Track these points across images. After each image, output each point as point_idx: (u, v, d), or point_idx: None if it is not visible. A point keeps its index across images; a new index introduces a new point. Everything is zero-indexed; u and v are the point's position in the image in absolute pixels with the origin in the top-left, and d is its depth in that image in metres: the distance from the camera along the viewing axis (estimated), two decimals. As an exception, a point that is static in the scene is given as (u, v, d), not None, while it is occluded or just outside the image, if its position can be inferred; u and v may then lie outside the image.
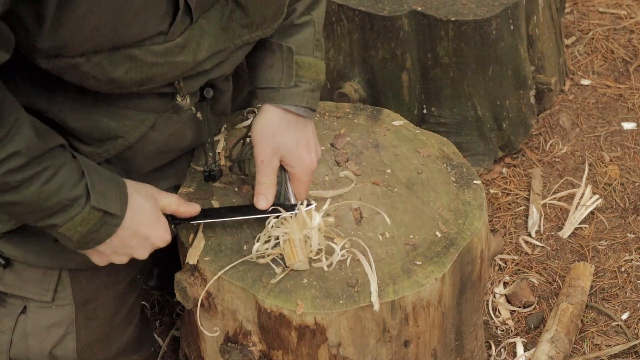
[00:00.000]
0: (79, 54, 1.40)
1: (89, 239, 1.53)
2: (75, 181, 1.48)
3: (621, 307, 2.34)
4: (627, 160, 2.74)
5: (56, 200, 1.45)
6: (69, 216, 1.48)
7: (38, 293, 1.75)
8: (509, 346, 2.26)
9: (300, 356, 1.63)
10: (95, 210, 1.49)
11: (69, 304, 1.77)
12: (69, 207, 1.47)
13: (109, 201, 1.51)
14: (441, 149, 1.90)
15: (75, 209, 1.48)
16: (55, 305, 1.77)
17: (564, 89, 2.98)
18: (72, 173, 1.48)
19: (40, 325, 1.77)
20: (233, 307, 1.64)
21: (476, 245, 1.71)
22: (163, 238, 1.61)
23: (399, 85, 2.61)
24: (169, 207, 1.63)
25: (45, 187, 1.43)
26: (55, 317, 1.77)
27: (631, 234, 2.53)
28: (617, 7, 3.27)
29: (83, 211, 1.48)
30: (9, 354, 1.79)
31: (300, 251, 1.60)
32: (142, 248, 1.60)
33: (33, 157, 1.41)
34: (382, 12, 2.49)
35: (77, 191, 1.47)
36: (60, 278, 1.75)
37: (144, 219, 1.57)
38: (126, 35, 1.41)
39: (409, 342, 1.67)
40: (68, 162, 1.49)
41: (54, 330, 1.78)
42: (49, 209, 1.46)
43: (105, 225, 1.52)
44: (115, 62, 1.43)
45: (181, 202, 1.65)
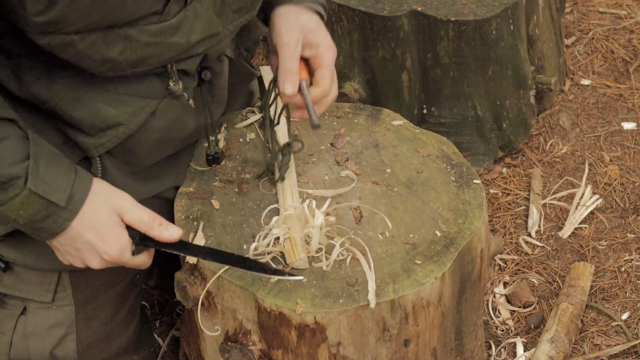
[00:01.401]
0: (73, 31, 1.40)
1: (36, 227, 1.49)
2: (15, 159, 1.44)
3: (621, 307, 2.34)
4: (627, 160, 2.74)
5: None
6: (7, 196, 1.44)
7: (38, 294, 1.75)
8: (509, 346, 2.26)
9: (300, 355, 1.63)
10: (35, 195, 1.45)
11: (69, 304, 1.77)
12: (6, 185, 1.43)
13: (53, 190, 1.46)
14: (441, 148, 1.90)
15: (14, 189, 1.44)
16: (56, 305, 1.76)
17: (564, 89, 2.98)
18: (14, 150, 1.45)
19: (40, 326, 1.77)
20: (233, 306, 1.64)
21: (476, 244, 1.71)
22: (110, 253, 1.53)
23: (399, 85, 2.61)
24: (138, 224, 1.55)
25: None
26: (55, 317, 1.77)
27: (631, 234, 2.53)
28: (617, 7, 3.27)
29: (21, 193, 1.44)
30: (9, 355, 1.79)
31: (300, 249, 1.60)
32: (90, 255, 1.54)
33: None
34: (382, 12, 2.49)
35: (15, 169, 1.44)
36: (60, 279, 1.75)
37: (94, 224, 1.51)
38: (121, 14, 1.41)
39: (409, 341, 1.67)
40: (12, 137, 1.45)
41: (55, 331, 1.78)
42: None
43: (52, 217, 1.48)
44: (110, 41, 1.44)
45: (156, 224, 1.55)
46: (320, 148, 1.89)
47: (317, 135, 1.92)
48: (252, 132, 1.93)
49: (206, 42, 1.60)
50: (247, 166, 1.85)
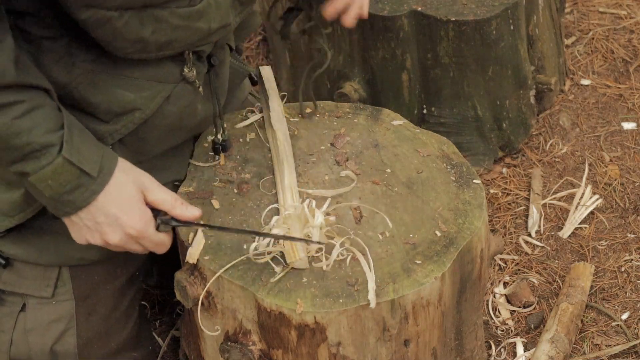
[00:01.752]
0: (114, 7, 1.45)
1: (62, 200, 1.49)
2: (51, 127, 1.46)
3: (621, 307, 2.34)
4: (627, 160, 2.74)
5: (26, 140, 1.43)
6: (39, 164, 1.45)
7: (38, 289, 1.75)
8: (509, 346, 2.26)
9: (300, 355, 1.63)
10: (68, 164, 1.46)
11: (69, 299, 1.77)
12: (39, 153, 1.45)
13: (86, 160, 1.49)
14: (441, 148, 1.90)
15: (47, 157, 1.45)
16: (56, 300, 1.77)
17: (564, 89, 2.98)
18: (49, 118, 1.46)
19: (40, 322, 1.77)
20: (233, 306, 1.64)
21: (476, 244, 1.71)
22: (134, 226, 1.55)
23: (399, 85, 2.61)
24: (162, 204, 1.60)
25: (16, 121, 1.42)
26: (55, 312, 1.77)
27: (631, 234, 2.53)
28: (617, 7, 3.27)
29: (54, 162, 1.45)
30: (9, 354, 1.79)
31: (300, 249, 1.60)
32: (111, 229, 1.55)
33: (5, 85, 1.41)
34: (382, 12, 2.49)
35: (50, 138, 1.45)
36: (60, 274, 1.75)
37: (119, 199, 1.53)
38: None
39: (409, 341, 1.67)
40: (48, 106, 1.47)
41: (55, 326, 1.78)
42: (18, 149, 1.44)
43: (81, 188, 1.49)
44: (144, 21, 1.50)
45: (178, 203, 1.61)
46: (320, 148, 1.89)
47: (317, 135, 1.92)
48: (252, 132, 1.93)
49: (221, 31, 1.67)
50: (247, 166, 1.85)
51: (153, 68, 1.63)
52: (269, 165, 1.85)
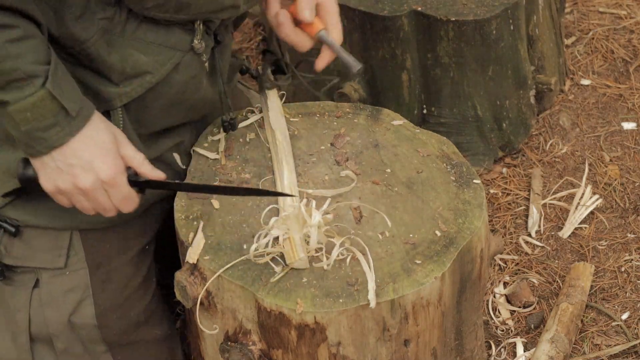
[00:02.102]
0: None
1: (36, 136, 1.49)
2: (39, 59, 1.46)
3: (621, 307, 2.34)
4: (627, 160, 2.74)
5: (12, 66, 1.43)
6: (21, 94, 1.45)
7: (50, 260, 1.73)
8: (509, 346, 2.26)
9: (300, 355, 1.63)
10: (50, 97, 1.47)
11: (83, 267, 1.76)
12: (23, 82, 1.45)
13: (67, 98, 1.49)
14: (441, 148, 1.90)
15: (30, 88, 1.45)
16: (69, 270, 1.75)
17: (564, 89, 2.98)
18: (39, 50, 1.47)
19: (55, 294, 1.75)
20: (233, 306, 1.64)
21: (476, 244, 1.71)
22: (107, 171, 1.54)
23: (399, 85, 2.61)
24: (130, 160, 1.59)
25: (7, 44, 1.42)
26: (70, 282, 1.75)
27: (631, 234, 2.53)
28: (617, 7, 3.27)
29: (37, 93, 1.45)
30: (29, 332, 1.77)
31: (300, 249, 1.60)
32: (83, 173, 1.54)
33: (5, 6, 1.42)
34: (382, 12, 2.49)
35: (37, 68, 1.46)
36: (72, 242, 1.74)
37: (94, 145, 1.53)
38: None
39: (409, 341, 1.67)
40: (39, 38, 1.48)
41: (71, 296, 1.76)
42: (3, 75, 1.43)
43: (57, 126, 1.49)
44: None
45: (147, 162, 1.61)
46: (320, 148, 1.89)
47: (317, 135, 1.92)
48: (252, 132, 1.93)
49: (230, 10, 1.72)
50: (247, 166, 1.85)
51: (165, 33, 1.66)
52: (269, 165, 1.85)
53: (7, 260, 1.75)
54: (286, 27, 1.76)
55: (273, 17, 1.78)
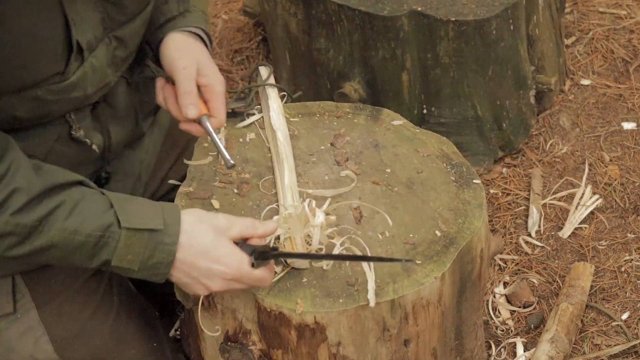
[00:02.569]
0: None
1: (151, 266, 1.50)
2: (101, 211, 1.47)
3: (621, 307, 2.34)
4: (627, 160, 2.74)
5: (85, 234, 1.45)
6: (111, 247, 1.47)
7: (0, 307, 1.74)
8: (509, 346, 2.26)
9: (300, 355, 1.63)
10: (133, 232, 1.47)
11: (31, 307, 1.76)
12: (105, 238, 1.46)
13: (147, 220, 1.49)
14: (441, 148, 1.90)
15: (113, 237, 1.47)
16: (19, 313, 1.75)
17: (564, 89, 2.99)
18: (95, 205, 1.48)
19: (13, 339, 1.76)
20: (233, 306, 1.64)
21: (476, 244, 1.71)
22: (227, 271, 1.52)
23: (399, 85, 2.61)
24: (245, 232, 1.56)
25: (67, 222, 1.44)
26: (22, 324, 1.76)
27: (631, 234, 2.53)
28: (617, 7, 3.27)
29: (121, 237, 1.47)
30: None
31: (301, 249, 1.60)
32: (210, 280, 1.53)
33: (36, 195, 1.43)
34: (382, 12, 2.49)
35: (105, 219, 1.47)
36: (15, 285, 1.73)
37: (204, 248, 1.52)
38: (31, 76, 1.51)
39: (409, 341, 1.67)
40: (88, 194, 1.49)
41: (26, 337, 1.77)
42: (85, 246, 1.46)
43: (159, 247, 1.49)
44: (19, 103, 1.53)
45: (257, 224, 1.57)
46: (320, 148, 1.89)
47: (317, 136, 1.92)
48: (252, 132, 1.93)
49: (100, 92, 1.69)
50: (247, 166, 1.85)
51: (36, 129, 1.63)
52: (269, 166, 1.85)
53: None
54: (169, 102, 1.71)
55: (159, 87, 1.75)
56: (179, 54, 1.71)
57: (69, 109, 1.64)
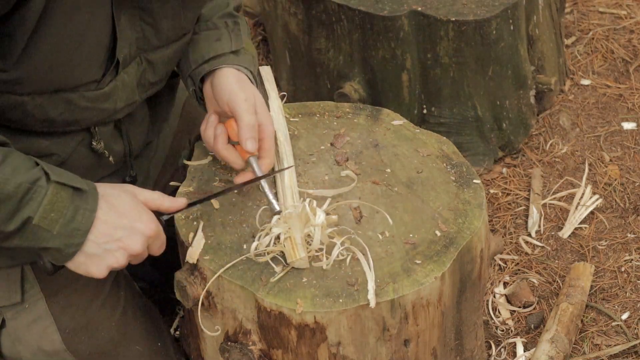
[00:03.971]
0: (26, 92, 1.52)
1: (70, 229, 1.50)
2: (28, 166, 1.48)
3: (621, 307, 2.34)
4: (627, 160, 2.74)
5: (14, 184, 1.44)
6: (36, 202, 1.46)
7: (7, 297, 1.74)
8: (509, 346, 2.26)
9: (300, 355, 1.63)
10: (60, 186, 1.48)
11: (40, 298, 1.77)
12: (31, 191, 1.46)
13: (70, 179, 1.51)
14: (441, 148, 1.90)
15: (39, 191, 1.46)
16: (27, 303, 1.76)
17: (564, 89, 2.99)
18: (23, 159, 1.48)
19: (21, 329, 1.77)
20: (233, 306, 1.64)
21: (476, 244, 1.71)
22: (150, 226, 1.57)
23: (399, 85, 2.61)
24: (151, 203, 1.61)
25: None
26: (30, 314, 1.77)
27: (631, 234, 2.53)
28: (617, 7, 3.27)
29: (48, 192, 1.47)
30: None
31: (301, 249, 1.60)
32: (131, 240, 1.56)
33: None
34: (382, 12, 2.49)
35: (34, 173, 1.47)
36: (25, 275, 1.74)
37: (124, 210, 1.55)
38: (69, 80, 1.55)
39: (409, 341, 1.67)
40: (15, 152, 1.49)
41: (34, 327, 1.78)
42: (11, 198, 1.44)
43: (80, 211, 1.50)
44: (54, 104, 1.57)
45: (164, 197, 1.63)
46: (320, 148, 1.89)
47: (317, 136, 1.92)
48: (252, 132, 1.93)
49: (126, 109, 1.72)
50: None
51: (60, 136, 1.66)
52: (269, 165, 1.85)
53: None
54: (219, 143, 1.73)
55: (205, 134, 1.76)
56: (238, 87, 1.72)
57: (97, 119, 1.68)
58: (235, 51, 1.79)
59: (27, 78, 1.50)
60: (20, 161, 1.48)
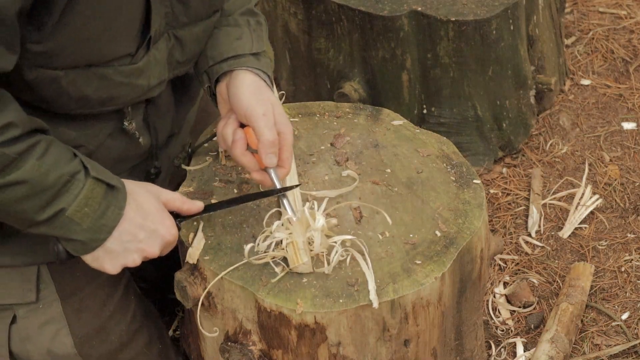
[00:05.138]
0: (60, 66, 1.49)
1: (99, 225, 1.50)
2: (69, 157, 1.48)
3: (621, 307, 2.34)
4: (627, 160, 2.74)
5: (56, 175, 1.44)
6: (72, 195, 1.46)
7: (21, 295, 1.73)
8: (509, 346, 2.26)
9: (300, 355, 1.63)
10: (97, 182, 1.49)
11: (55, 299, 1.76)
12: (70, 183, 1.46)
13: (106, 175, 1.51)
14: (441, 148, 1.90)
15: (77, 184, 1.47)
16: (42, 303, 1.75)
17: (564, 89, 2.99)
18: (63, 150, 1.49)
19: (32, 328, 1.76)
20: (233, 306, 1.64)
21: (476, 244, 1.71)
22: (171, 231, 1.58)
23: (399, 85, 2.61)
24: (172, 203, 1.62)
25: (42, 160, 1.44)
26: (44, 315, 1.76)
27: (631, 234, 2.53)
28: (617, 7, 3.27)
29: (85, 186, 1.47)
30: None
31: (304, 254, 1.60)
32: (151, 242, 1.57)
33: (26, 131, 1.43)
34: (382, 12, 2.49)
35: (74, 165, 1.48)
36: (40, 275, 1.74)
37: (149, 211, 1.56)
38: (104, 52, 1.53)
39: (409, 341, 1.67)
40: (57, 142, 1.49)
41: (47, 328, 1.77)
42: (51, 188, 1.45)
43: (110, 208, 1.51)
44: (88, 79, 1.54)
45: (183, 199, 1.64)
46: (320, 148, 1.89)
47: (317, 135, 1.92)
48: (252, 132, 1.93)
49: (158, 87, 1.70)
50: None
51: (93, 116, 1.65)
52: (269, 165, 1.84)
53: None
54: (238, 148, 1.70)
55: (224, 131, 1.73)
56: (256, 99, 1.69)
57: (132, 97, 1.65)
58: (256, 53, 1.77)
59: (61, 50, 1.47)
60: (61, 151, 1.48)
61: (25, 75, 1.48)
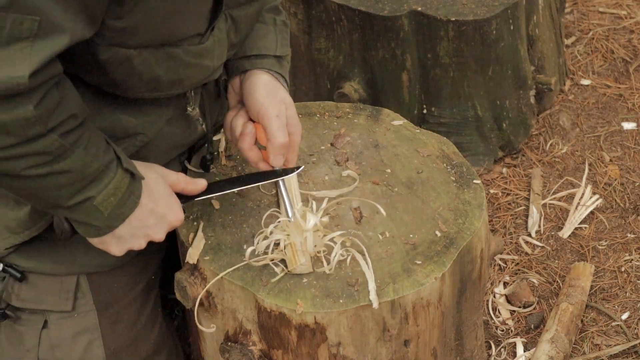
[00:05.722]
0: (134, 45, 1.47)
1: (118, 213, 1.50)
2: (105, 146, 1.47)
3: (621, 307, 2.34)
4: (627, 160, 2.74)
5: (96, 165, 1.44)
6: (103, 184, 1.45)
7: (57, 303, 1.73)
8: (509, 346, 2.26)
9: (300, 355, 1.63)
10: (125, 172, 1.48)
11: (91, 310, 1.75)
12: (103, 173, 1.45)
13: (131, 164, 1.51)
14: (441, 148, 1.90)
15: (109, 174, 1.46)
16: (77, 313, 1.75)
17: (564, 89, 2.99)
18: (101, 138, 1.48)
19: (65, 336, 1.75)
20: (233, 306, 1.64)
21: (476, 244, 1.71)
22: (178, 216, 1.58)
23: (399, 85, 2.61)
24: (177, 185, 1.61)
25: (87, 150, 1.42)
26: (79, 325, 1.75)
27: (631, 234, 2.53)
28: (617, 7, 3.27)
29: (116, 176, 1.46)
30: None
31: (302, 255, 1.60)
32: (158, 228, 1.57)
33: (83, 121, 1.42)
34: (382, 12, 2.49)
35: (110, 155, 1.47)
36: (79, 284, 1.73)
37: (160, 196, 1.56)
38: (177, 31, 1.51)
39: (409, 341, 1.67)
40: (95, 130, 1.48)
41: (80, 339, 1.75)
42: (89, 176, 1.43)
43: (131, 197, 1.50)
44: (159, 60, 1.53)
45: (188, 179, 1.63)
46: (320, 148, 1.89)
47: (317, 135, 1.92)
48: (252, 132, 1.93)
49: (219, 70, 1.69)
50: (247, 166, 1.85)
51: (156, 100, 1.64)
52: (269, 166, 1.84)
53: (16, 303, 1.75)
54: (246, 142, 1.69)
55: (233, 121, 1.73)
56: (269, 100, 1.69)
57: (199, 79, 1.65)
58: (279, 56, 1.77)
59: (138, 28, 1.45)
60: (100, 140, 1.47)
61: (100, 54, 1.47)
